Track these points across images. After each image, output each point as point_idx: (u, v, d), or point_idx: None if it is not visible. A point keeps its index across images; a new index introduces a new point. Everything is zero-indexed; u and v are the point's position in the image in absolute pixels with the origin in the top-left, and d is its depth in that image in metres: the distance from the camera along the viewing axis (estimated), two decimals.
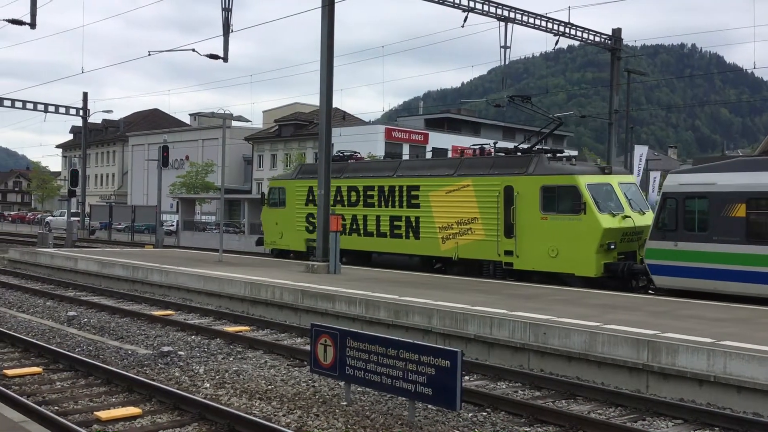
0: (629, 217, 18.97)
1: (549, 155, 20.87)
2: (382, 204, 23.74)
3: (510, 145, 26.89)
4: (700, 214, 16.67)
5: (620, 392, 9.84)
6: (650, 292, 17.87)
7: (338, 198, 24.81)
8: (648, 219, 18.98)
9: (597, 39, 32.41)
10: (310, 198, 25.51)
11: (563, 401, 9.75)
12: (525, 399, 9.73)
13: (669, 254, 16.88)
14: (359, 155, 28.69)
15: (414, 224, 22.65)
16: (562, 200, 19.26)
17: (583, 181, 18.84)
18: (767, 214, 15.79)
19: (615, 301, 14.80)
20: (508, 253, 20.16)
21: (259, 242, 29.42)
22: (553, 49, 35.07)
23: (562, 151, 22.72)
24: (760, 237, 15.56)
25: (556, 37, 30.63)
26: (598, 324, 11.54)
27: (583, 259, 18.49)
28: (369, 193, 24.15)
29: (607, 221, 18.47)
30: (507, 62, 28.34)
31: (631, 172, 31.12)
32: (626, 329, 11.07)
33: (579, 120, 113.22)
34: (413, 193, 22.59)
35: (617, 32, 33.19)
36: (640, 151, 39.34)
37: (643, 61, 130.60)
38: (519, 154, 21.49)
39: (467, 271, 21.21)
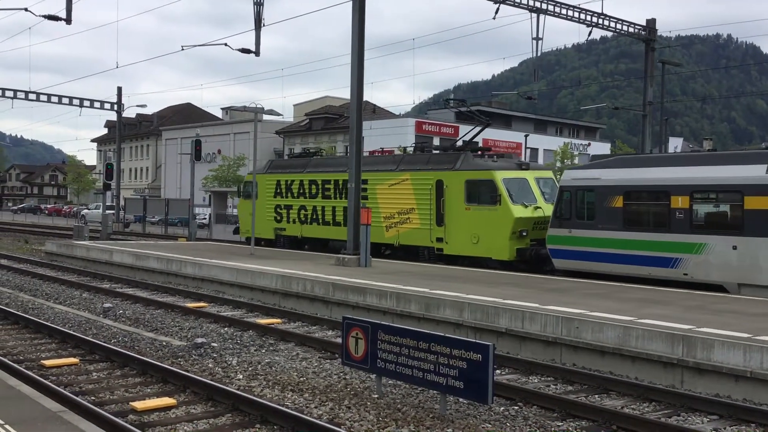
0: (540, 207, 21.02)
1: (474, 153, 23.09)
2: (337, 196, 25.85)
3: (541, 137, 28.43)
4: (589, 204, 19.00)
5: (654, 387, 9.74)
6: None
7: (301, 190, 27.42)
8: None
9: (631, 30, 31.97)
10: (278, 191, 28.48)
11: (596, 396, 9.68)
12: (557, 393, 9.67)
13: (565, 240, 19.25)
14: (323, 151, 31.59)
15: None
16: (482, 193, 21.47)
17: (499, 176, 21.05)
18: (641, 205, 18.34)
19: (649, 296, 14.63)
20: (439, 240, 22.49)
21: (236, 231, 31.75)
22: (586, 40, 34.81)
23: (489, 149, 25.14)
24: (634, 224, 18.03)
25: (589, 28, 30.29)
26: (631, 318, 11.42)
27: (499, 244, 20.78)
28: (326, 186, 26.37)
29: (519, 211, 20.60)
30: (539, 54, 28.10)
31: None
32: (661, 324, 10.94)
33: (612, 112, 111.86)
34: (362, 186, 23.50)
35: (651, 23, 32.70)
36: (675, 143, 38.82)
37: (678, 52, 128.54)
38: (451, 151, 23.78)
39: (407, 256, 23.39)
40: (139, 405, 8.58)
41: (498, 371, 10.61)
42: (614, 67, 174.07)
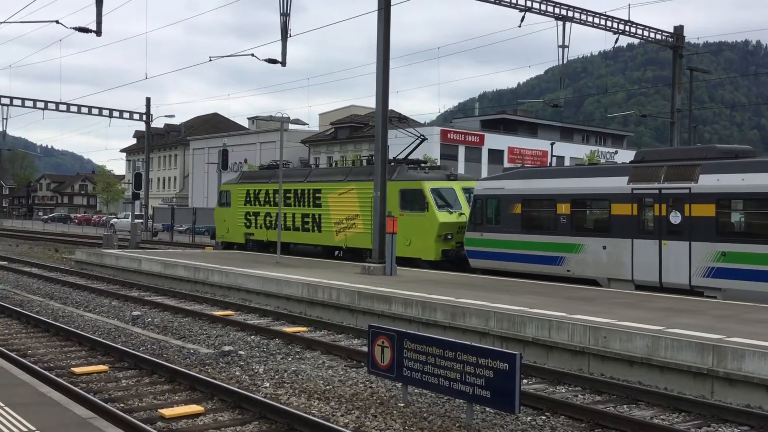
0: (464, 214, 23.16)
1: (409, 165, 25.54)
2: (297, 204, 28.78)
3: (568, 145, 29.51)
4: (496, 211, 21.59)
5: (684, 398, 9.61)
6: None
7: (267, 199, 30.31)
8: None
9: (658, 37, 31.72)
10: (248, 199, 31.36)
11: (625, 406, 9.57)
12: (585, 403, 9.58)
13: (478, 242, 21.85)
14: (290, 164, 34.87)
15: (318, 220, 27.75)
16: (413, 200, 23.89)
17: (428, 186, 23.56)
18: (534, 211, 20.90)
19: (678, 305, 14.46)
20: None
21: (213, 236, 35.27)
22: (613, 47, 34.48)
23: (425, 162, 27.53)
24: (530, 228, 20.66)
25: (616, 36, 30.12)
26: (660, 328, 11.30)
27: (427, 246, 23.18)
28: (288, 195, 28.99)
29: (444, 217, 23.04)
30: (565, 61, 27.99)
31: None
32: (690, 333, 10.80)
33: (639, 119, 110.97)
34: (317, 195, 27.60)
35: (679, 29, 32.43)
36: None
37: (706, 59, 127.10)
38: (389, 164, 25.22)
39: (353, 258, 25.48)
40: (167, 412, 8.65)
41: (525, 381, 10.54)
42: (641, 75, 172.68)
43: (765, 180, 16.11)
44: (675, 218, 17.48)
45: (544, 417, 8.95)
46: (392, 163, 25.64)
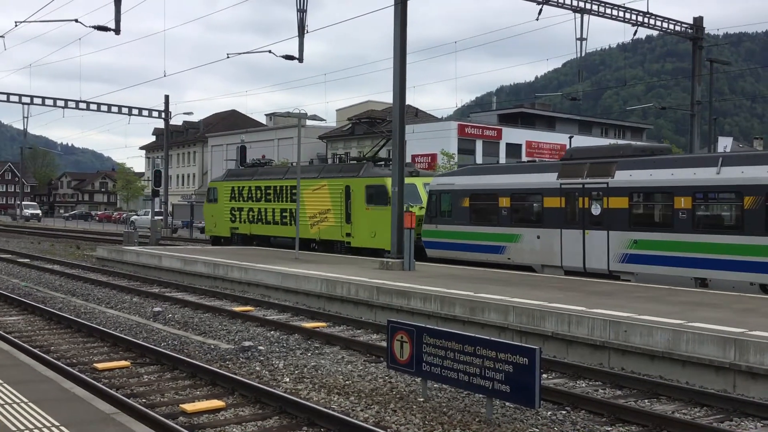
0: (424, 207, 24.73)
1: (375, 163, 27.64)
2: (276, 200, 30.99)
3: (586, 139, 30.18)
4: (448, 204, 23.50)
5: (706, 392, 9.55)
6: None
7: (250, 195, 32.53)
8: None
9: (677, 28, 31.41)
10: (233, 196, 33.71)
11: (646, 401, 9.52)
12: (606, 398, 9.55)
13: (433, 233, 23.85)
14: (273, 161, 37.62)
15: (294, 214, 29.35)
16: (377, 196, 25.72)
17: (390, 182, 23.62)
18: (480, 205, 22.73)
19: (699, 299, 14.34)
20: (348, 235, 27.08)
21: (203, 231, 38.34)
22: (631, 39, 34.27)
23: (389, 160, 27.67)
24: (477, 220, 22.62)
25: (635, 28, 29.86)
26: (681, 322, 11.22)
27: (390, 238, 23.62)
28: (268, 191, 31.43)
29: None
30: (583, 54, 27.79)
31: None
32: (712, 327, 10.72)
33: (659, 112, 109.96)
34: (293, 191, 29.29)
35: (698, 21, 32.08)
36: (724, 143, 37.95)
37: (726, 50, 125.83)
38: (357, 162, 28.36)
39: (326, 249, 28.03)
40: (188, 407, 8.72)
41: (544, 375, 10.52)
42: (660, 67, 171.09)
43: (667, 175, 18.11)
44: (596, 210, 19.46)
45: (564, 412, 8.93)
46: (358, 161, 28.51)
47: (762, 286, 16.31)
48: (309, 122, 27.81)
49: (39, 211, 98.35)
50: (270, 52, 26.40)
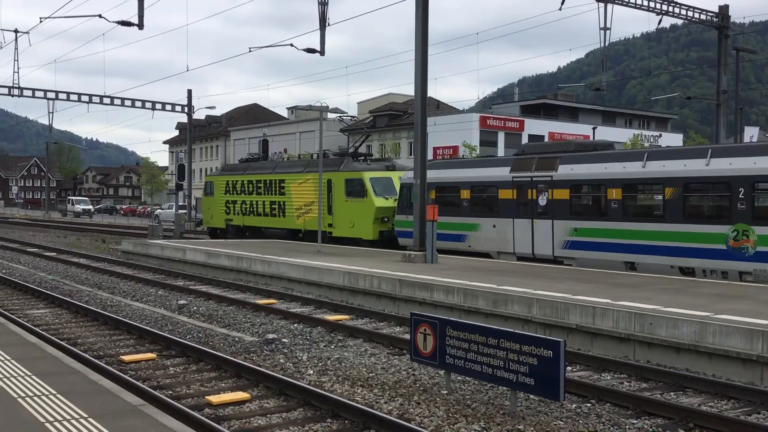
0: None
1: (354, 158, 29.66)
2: (266, 192, 33.06)
3: (610, 129, 31.07)
4: (417, 196, 23.48)
5: (733, 384, 9.45)
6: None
7: (242, 189, 34.67)
8: None
9: (702, 17, 30.99)
10: (227, 189, 35.84)
11: (672, 393, 9.45)
12: (631, 390, 9.48)
13: (404, 224, 24.74)
14: (268, 156, 40.37)
15: (283, 207, 31.89)
16: (355, 189, 27.71)
17: (367, 176, 27.44)
18: (445, 196, 24.56)
19: (724, 290, 14.19)
20: (330, 225, 28.99)
21: (199, 223, 41.13)
22: (656, 28, 33.79)
23: (370, 155, 32.60)
24: (442, 211, 22.98)
25: (659, 16, 29.54)
26: (708, 314, 11.10)
27: (366, 228, 27.15)
28: (259, 184, 33.57)
29: (381, 202, 26.90)
30: (606, 44, 27.53)
31: None
32: (738, 319, 10.60)
33: (684, 102, 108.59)
34: (282, 184, 31.85)
35: (724, 9, 31.62)
36: (751, 133, 37.38)
37: (753, 39, 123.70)
38: (338, 157, 30.47)
39: (311, 239, 29.28)
40: (214, 399, 8.80)
41: (569, 368, 10.47)
42: (685, 56, 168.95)
43: (601, 169, 20.05)
44: (542, 201, 21.32)
45: (589, 404, 8.88)
46: (339, 156, 30.60)
47: (681, 269, 18.07)
48: (330, 115, 27.93)
49: (91, 207, 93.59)
50: (292, 45, 26.51)
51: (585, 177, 20.42)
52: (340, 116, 29.04)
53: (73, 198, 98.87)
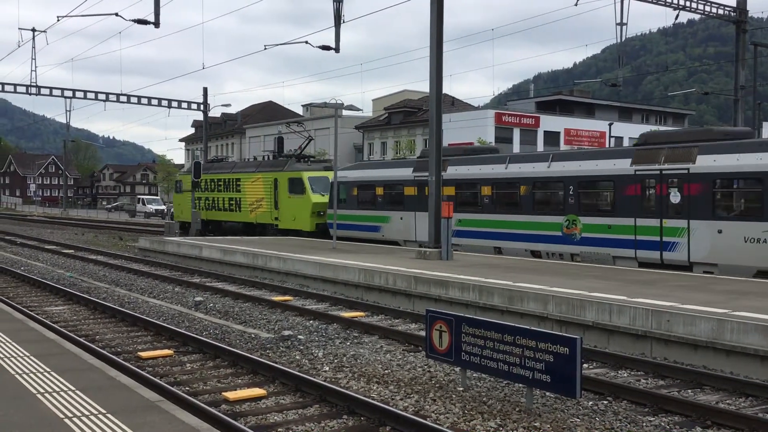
0: None
1: (297, 159, 33.32)
2: (226, 190, 37.07)
3: (627, 125, 32.09)
4: (344, 193, 29.30)
5: (751, 382, 9.38)
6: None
7: (206, 186, 38.57)
8: None
9: (720, 11, 30.70)
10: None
11: (689, 391, 9.39)
12: (648, 388, 9.44)
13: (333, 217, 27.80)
14: (231, 158, 44.63)
15: (239, 203, 35.70)
16: (296, 186, 31.47)
17: (306, 175, 31.31)
18: (364, 193, 28.58)
19: (741, 287, 14.07)
20: (276, 219, 32.86)
21: (171, 216, 44.90)
22: (673, 23, 33.61)
23: (313, 156, 35.88)
24: (363, 205, 28.45)
25: (676, 11, 29.30)
26: (725, 311, 11.02)
27: (305, 221, 30.99)
28: (220, 183, 37.61)
29: (317, 199, 30.59)
30: (623, 39, 27.35)
31: None
32: (756, 316, 10.51)
33: (701, 97, 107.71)
34: (237, 183, 35.73)
35: (742, 3, 31.28)
36: None
37: None
38: (283, 158, 34.25)
39: (262, 232, 33.66)
40: (231, 395, 8.85)
41: (585, 365, 10.43)
42: (702, 51, 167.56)
43: (476, 170, 23.86)
44: None
45: (606, 402, 8.85)
46: (284, 157, 34.34)
47: (531, 252, 21.90)
48: (345, 112, 28.09)
49: (164, 207, 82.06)
50: (307, 42, 26.52)
51: (465, 176, 24.26)
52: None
53: (144, 197, 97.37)
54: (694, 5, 29.56)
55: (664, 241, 18.51)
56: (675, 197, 18.34)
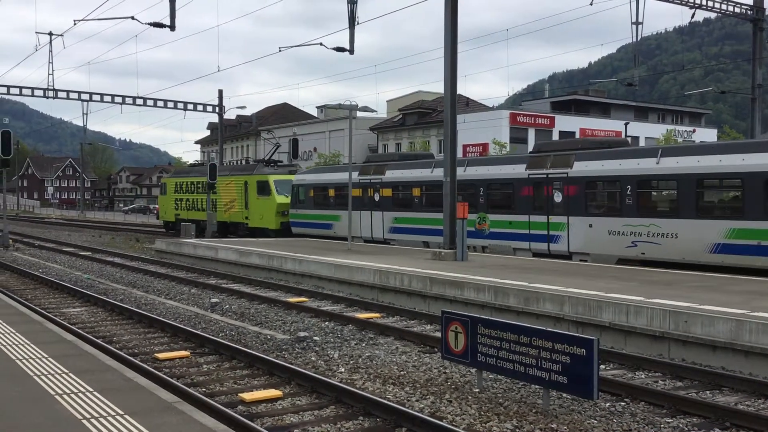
0: None
1: (266, 164, 36.39)
2: (194, 191, 40.73)
3: (643, 125, 32.20)
4: (303, 195, 32.48)
5: None
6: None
7: (186, 188, 41.90)
8: None
9: (736, 10, 30.47)
10: (176, 189, 43.38)
11: (707, 392, 9.32)
12: (666, 389, 9.37)
13: (295, 216, 32.87)
14: (203, 163, 46.64)
15: (215, 204, 37.59)
16: (263, 188, 34.38)
17: (272, 178, 34.26)
18: (320, 195, 31.64)
19: (760, 288, 13.94)
20: (247, 218, 35.79)
21: (158, 217, 48.12)
22: (689, 22, 33.41)
23: (280, 161, 37.38)
24: (319, 206, 31.50)
25: (692, 10, 29.12)
26: (744, 311, 10.92)
27: (271, 220, 33.91)
28: (190, 185, 41.28)
29: (282, 200, 33.61)
30: (639, 39, 27.19)
31: None
32: None
33: (718, 96, 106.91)
34: (215, 185, 36.68)
35: (759, 2, 31.04)
36: None
37: None
38: (252, 163, 38.11)
39: (234, 230, 36.88)
40: (247, 396, 8.87)
41: (602, 366, 10.37)
42: (719, 50, 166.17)
43: (408, 174, 27.00)
44: (377, 197, 28.24)
45: (623, 403, 8.79)
46: (256, 162, 37.39)
47: (426, 243, 25.69)
48: (360, 114, 28.14)
49: None
50: (321, 44, 26.60)
51: (401, 179, 27.28)
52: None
53: None
54: (710, 4, 29.34)
55: (550, 234, 21.65)
56: (558, 197, 21.41)
